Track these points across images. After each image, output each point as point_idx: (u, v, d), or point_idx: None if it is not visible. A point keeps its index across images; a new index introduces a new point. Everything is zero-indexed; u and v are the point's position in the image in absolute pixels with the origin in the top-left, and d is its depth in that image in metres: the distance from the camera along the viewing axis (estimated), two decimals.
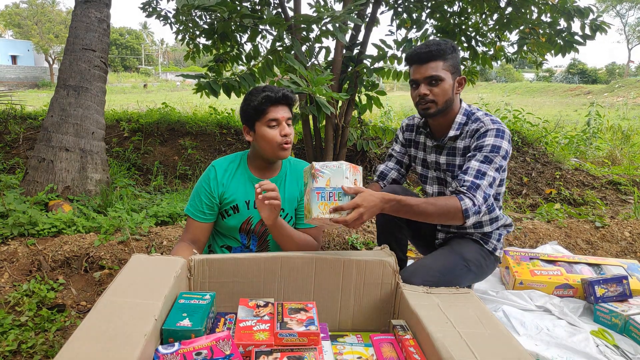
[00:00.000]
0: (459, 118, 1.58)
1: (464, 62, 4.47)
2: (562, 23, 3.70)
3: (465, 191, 1.39)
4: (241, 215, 1.58)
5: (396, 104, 10.72)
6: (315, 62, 3.38)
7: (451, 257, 1.58)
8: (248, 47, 4.20)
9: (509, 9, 3.83)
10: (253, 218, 1.59)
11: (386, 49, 3.63)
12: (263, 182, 1.36)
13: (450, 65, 1.50)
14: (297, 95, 1.64)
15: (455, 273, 1.53)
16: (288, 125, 1.51)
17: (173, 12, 4.06)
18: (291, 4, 3.61)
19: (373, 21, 3.79)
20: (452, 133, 1.58)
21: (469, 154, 1.50)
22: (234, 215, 1.58)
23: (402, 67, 3.85)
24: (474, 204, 1.37)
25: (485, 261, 1.66)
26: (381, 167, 1.83)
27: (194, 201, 1.58)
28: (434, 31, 4.08)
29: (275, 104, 1.48)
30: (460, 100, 1.62)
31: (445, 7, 4.00)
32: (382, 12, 3.99)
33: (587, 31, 3.57)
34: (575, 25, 3.63)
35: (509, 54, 4.35)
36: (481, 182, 1.41)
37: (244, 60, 4.14)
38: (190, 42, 4.29)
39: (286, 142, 1.50)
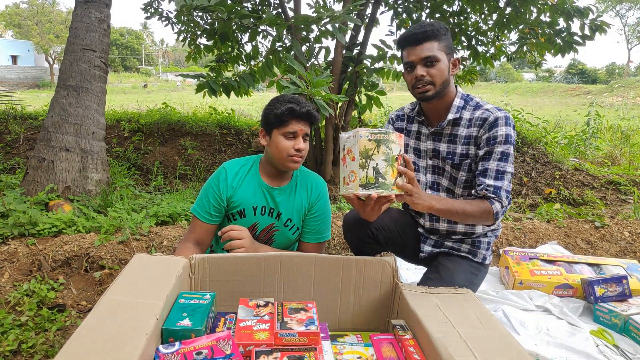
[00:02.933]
0: (457, 101, 1.55)
1: (464, 62, 4.47)
2: (562, 23, 3.71)
3: (493, 196, 1.43)
4: (247, 220, 1.57)
5: (396, 104, 10.71)
6: (315, 62, 3.38)
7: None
8: (249, 47, 4.22)
9: (509, 9, 3.84)
10: (259, 224, 1.59)
11: (386, 49, 3.63)
12: (227, 229, 1.47)
13: (445, 46, 1.48)
14: (319, 115, 1.64)
15: None
16: (304, 140, 1.52)
17: (174, 12, 4.07)
18: (291, 4, 3.61)
19: (373, 21, 3.80)
20: (451, 116, 1.55)
21: (484, 150, 1.48)
22: (240, 220, 1.57)
23: (402, 68, 3.86)
24: (502, 206, 1.44)
25: (477, 276, 1.64)
26: None
27: (201, 201, 1.57)
28: None
29: (297, 119, 1.48)
30: (456, 85, 1.60)
31: (445, 7, 4.00)
32: (382, 13, 4.00)
33: (587, 31, 3.58)
34: (575, 26, 3.64)
35: (509, 53, 4.35)
36: (502, 184, 1.45)
37: (244, 61, 4.15)
38: (192, 43, 4.30)
39: (298, 155, 1.50)
